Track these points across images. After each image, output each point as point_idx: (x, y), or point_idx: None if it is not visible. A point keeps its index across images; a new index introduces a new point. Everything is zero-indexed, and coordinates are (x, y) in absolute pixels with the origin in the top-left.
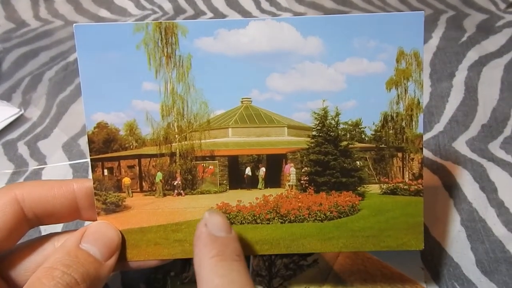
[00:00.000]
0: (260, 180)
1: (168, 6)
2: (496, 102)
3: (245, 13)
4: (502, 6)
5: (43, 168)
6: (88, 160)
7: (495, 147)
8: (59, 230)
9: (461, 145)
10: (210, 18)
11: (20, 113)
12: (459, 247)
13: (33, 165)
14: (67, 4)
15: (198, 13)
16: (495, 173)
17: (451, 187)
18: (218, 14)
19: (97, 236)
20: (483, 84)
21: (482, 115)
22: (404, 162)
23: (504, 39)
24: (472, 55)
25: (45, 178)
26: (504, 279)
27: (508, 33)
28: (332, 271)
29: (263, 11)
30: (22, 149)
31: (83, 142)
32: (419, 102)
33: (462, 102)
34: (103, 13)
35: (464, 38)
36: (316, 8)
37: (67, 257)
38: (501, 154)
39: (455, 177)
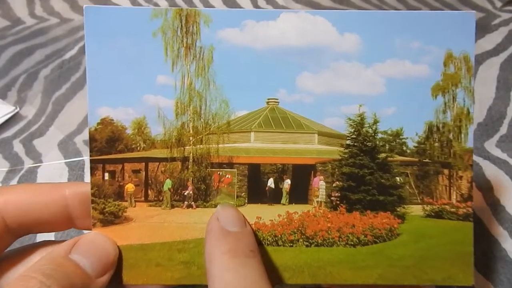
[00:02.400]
0: (284, 194)
1: (164, 4)
2: (492, 100)
3: None
4: (498, 4)
5: (39, 166)
6: (84, 158)
7: (491, 146)
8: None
9: None
10: None
11: (16, 111)
12: None
13: (28, 164)
14: (63, 2)
15: None
16: (491, 172)
17: None
18: None
19: (91, 247)
20: (479, 83)
21: (478, 114)
22: (451, 181)
23: (500, 38)
24: None
25: (41, 176)
26: (500, 278)
27: (504, 32)
28: None
29: (259, 8)
30: (18, 147)
31: (79, 140)
32: (469, 112)
33: None
34: None
35: None
36: (313, 6)
37: (50, 265)
38: (497, 152)
39: None
